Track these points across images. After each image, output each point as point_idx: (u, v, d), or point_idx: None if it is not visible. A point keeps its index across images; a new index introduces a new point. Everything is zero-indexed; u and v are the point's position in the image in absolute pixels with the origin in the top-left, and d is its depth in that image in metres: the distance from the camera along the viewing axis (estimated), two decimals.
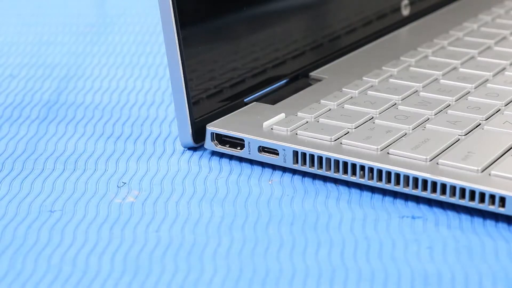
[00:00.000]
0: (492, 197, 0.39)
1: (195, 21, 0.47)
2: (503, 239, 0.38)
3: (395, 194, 0.42)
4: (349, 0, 0.60)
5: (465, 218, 0.40)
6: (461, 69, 0.55)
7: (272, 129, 0.46)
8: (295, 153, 0.44)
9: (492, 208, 0.39)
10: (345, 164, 0.43)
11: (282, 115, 0.47)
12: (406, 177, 0.41)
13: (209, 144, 0.47)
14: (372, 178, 0.42)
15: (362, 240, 0.38)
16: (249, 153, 0.45)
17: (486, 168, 0.41)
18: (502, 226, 0.39)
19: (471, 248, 0.38)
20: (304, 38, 0.55)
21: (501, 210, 0.39)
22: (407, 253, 0.37)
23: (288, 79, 0.53)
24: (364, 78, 0.53)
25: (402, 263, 0.36)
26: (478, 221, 0.40)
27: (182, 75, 0.45)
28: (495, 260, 0.37)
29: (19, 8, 0.77)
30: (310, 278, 0.36)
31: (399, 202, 0.42)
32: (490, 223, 0.40)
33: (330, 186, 0.44)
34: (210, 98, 0.48)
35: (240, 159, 0.47)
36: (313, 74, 0.54)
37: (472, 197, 0.40)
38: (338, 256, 0.37)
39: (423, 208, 0.41)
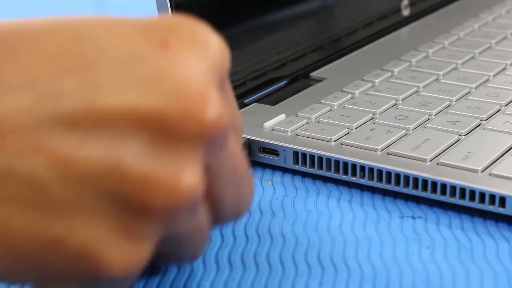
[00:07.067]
0: (492, 197, 0.39)
1: None
2: (504, 239, 0.38)
3: (395, 194, 0.42)
4: (349, 1, 0.60)
5: (465, 217, 0.40)
6: (461, 69, 0.55)
7: (272, 129, 0.46)
8: (295, 153, 0.44)
9: (492, 208, 0.39)
10: (345, 164, 0.43)
11: (283, 115, 0.47)
12: (406, 178, 0.41)
13: None
14: (373, 179, 0.42)
15: (363, 239, 0.38)
16: (250, 154, 0.45)
17: (486, 168, 0.41)
18: (503, 225, 0.39)
19: (472, 248, 0.38)
20: (304, 39, 0.55)
21: (501, 210, 0.39)
22: (408, 253, 0.37)
23: (288, 79, 0.53)
24: (364, 78, 0.53)
25: (403, 263, 0.37)
26: (478, 220, 0.40)
27: None
28: (496, 259, 0.37)
29: (19, 8, 0.77)
30: (312, 279, 0.36)
31: (400, 202, 0.42)
32: (490, 223, 0.40)
33: (331, 186, 0.44)
34: None
35: None
36: (314, 74, 0.55)
37: (472, 197, 0.40)
38: (339, 256, 0.37)
39: (424, 207, 0.41)
